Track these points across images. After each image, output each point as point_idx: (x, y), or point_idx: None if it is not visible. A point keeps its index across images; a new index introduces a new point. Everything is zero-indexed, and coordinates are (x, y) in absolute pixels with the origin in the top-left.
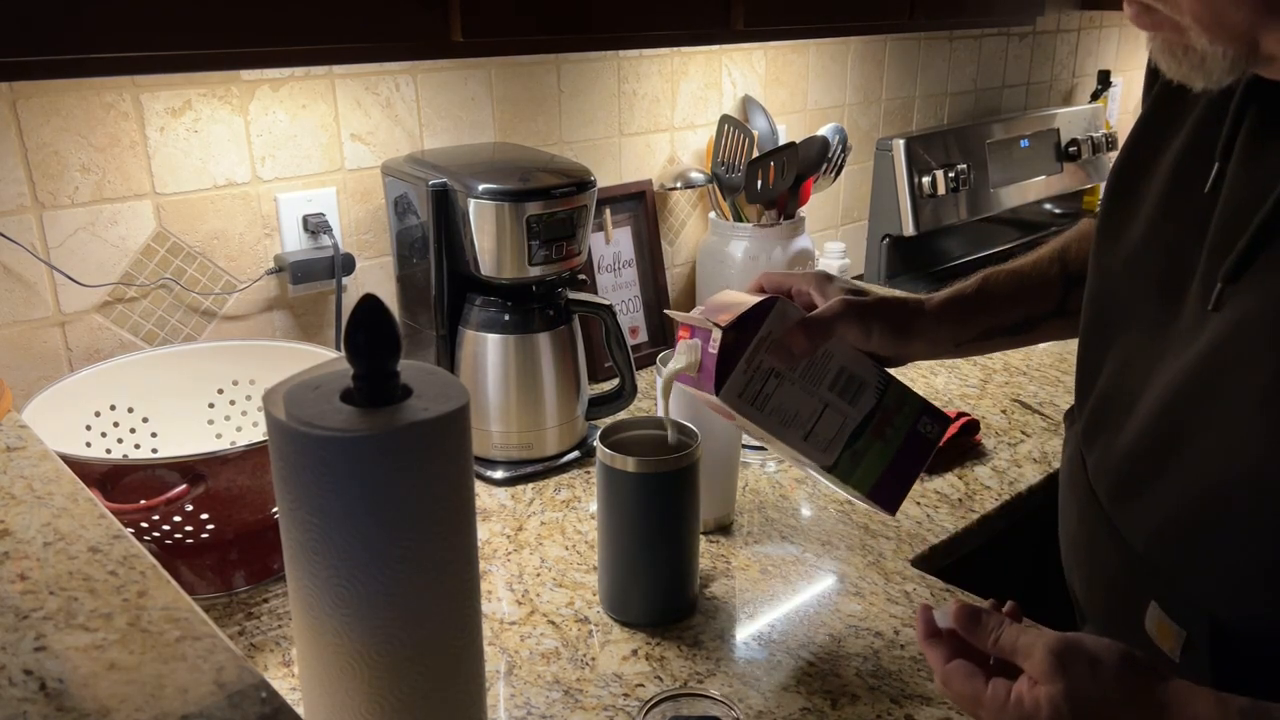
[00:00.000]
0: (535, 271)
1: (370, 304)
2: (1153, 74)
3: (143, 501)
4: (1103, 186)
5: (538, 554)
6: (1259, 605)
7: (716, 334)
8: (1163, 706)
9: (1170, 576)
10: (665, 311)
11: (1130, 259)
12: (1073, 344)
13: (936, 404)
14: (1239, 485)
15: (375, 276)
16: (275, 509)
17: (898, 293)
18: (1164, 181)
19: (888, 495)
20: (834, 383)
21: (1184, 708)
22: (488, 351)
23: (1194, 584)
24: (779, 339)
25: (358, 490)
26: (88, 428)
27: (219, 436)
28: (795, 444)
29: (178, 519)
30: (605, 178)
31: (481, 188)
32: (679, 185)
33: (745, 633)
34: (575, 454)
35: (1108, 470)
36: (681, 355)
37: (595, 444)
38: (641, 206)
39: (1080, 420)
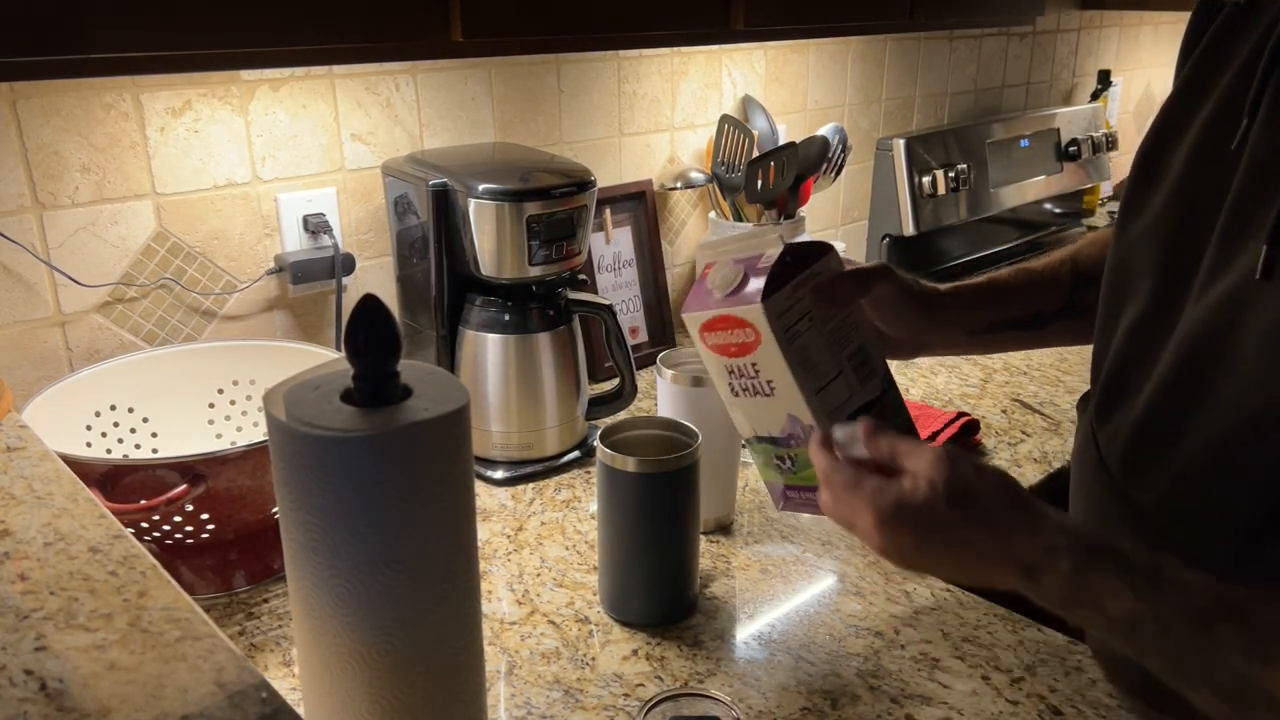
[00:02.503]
0: (535, 271)
1: (370, 304)
2: (1185, 52)
3: (143, 501)
4: (1103, 186)
5: (538, 554)
6: (1269, 561)
7: (776, 250)
8: (1030, 506)
9: (1178, 534)
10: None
11: (1150, 223)
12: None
13: (936, 404)
14: (1260, 434)
15: (375, 276)
16: (275, 509)
17: None
18: (1189, 149)
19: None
20: (854, 355)
21: (1054, 514)
22: (488, 351)
23: (1203, 540)
24: (824, 282)
25: (357, 490)
26: (88, 428)
27: (219, 436)
28: (806, 394)
29: (178, 519)
30: (605, 178)
31: (481, 188)
32: (679, 185)
33: (745, 633)
34: (575, 454)
35: (1123, 436)
36: (717, 274)
37: (595, 444)
38: (641, 206)
39: (1095, 396)
